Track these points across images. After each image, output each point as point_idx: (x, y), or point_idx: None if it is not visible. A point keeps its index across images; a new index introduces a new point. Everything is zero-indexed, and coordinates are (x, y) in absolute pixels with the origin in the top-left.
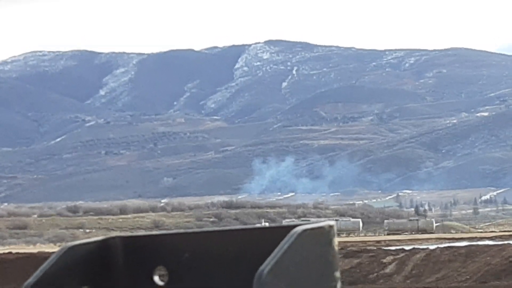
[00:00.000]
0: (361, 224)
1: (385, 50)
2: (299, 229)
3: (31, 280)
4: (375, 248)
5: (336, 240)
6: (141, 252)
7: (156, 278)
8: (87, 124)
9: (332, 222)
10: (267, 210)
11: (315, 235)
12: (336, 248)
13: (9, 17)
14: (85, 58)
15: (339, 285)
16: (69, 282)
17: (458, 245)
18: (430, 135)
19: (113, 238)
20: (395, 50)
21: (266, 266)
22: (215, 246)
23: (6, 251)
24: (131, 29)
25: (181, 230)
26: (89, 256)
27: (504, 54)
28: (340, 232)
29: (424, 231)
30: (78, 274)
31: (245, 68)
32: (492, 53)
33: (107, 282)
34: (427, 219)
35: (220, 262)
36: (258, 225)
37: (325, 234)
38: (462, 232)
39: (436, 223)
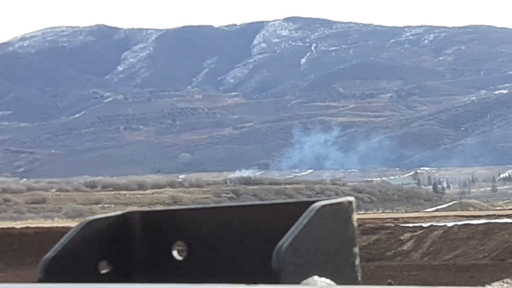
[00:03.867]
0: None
1: (404, 27)
2: (318, 204)
3: (50, 254)
4: (393, 225)
5: (355, 215)
6: (160, 227)
7: (174, 253)
8: (106, 100)
9: (351, 198)
10: (285, 187)
11: (334, 210)
12: (355, 223)
13: None
14: (104, 33)
15: (357, 260)
16: (87, 256)
17: (476, 223)
18: (449, 112)
19: (132, 212)
20: (414, 27)
21: (285, 241)
22: (234, 221)
23: (24, 225)
24: (150, 4)
25: (200, 205)
26: (108, 230)
27: None
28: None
29: None
30: (97, 248)
31: (263, 45)
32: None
33: (125, 256)
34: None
35: (239, 237)
36: (276, 201)
37: (344, 210)
38: (480, 209)
39: (454, 200)
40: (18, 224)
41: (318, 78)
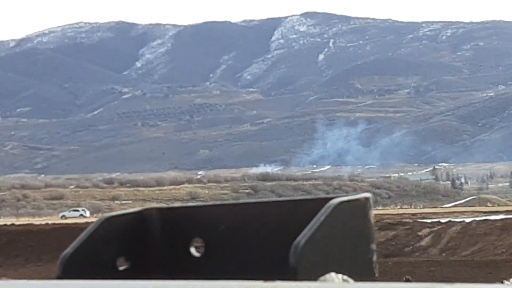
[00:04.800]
0: None
1: (421, 22)
2: (335, 201)
3: (68, 250)
4: (411, 220)
5: (372, 212)
6: (178, 224)
7: (192, 250)
8: (124, 96)
9: (368, 194)
10: (303, 183)
11: (351, 207)
12: (372, 220)
13: None
14: (122, 29)
15: (375, 257)
16: (105, 253)
17: (494, 218)
18: (467, 108)
19: (150, 209)
20: (432, 22)
21: (302, 238)
22: (251, 218)
23: (43, 222)
24: (168, 0)
25: (218, 202)
26: (126, 227)
27: None
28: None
29: None
30: (115, 245)
31: (281, 41)
32: None
33: (143, 253)
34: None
35: (257, 234)
36: (294, 197)
37: (361, 206)
38: (498, 205)
39: (472, 196)
40: (36, 220)
41: (336, 74)
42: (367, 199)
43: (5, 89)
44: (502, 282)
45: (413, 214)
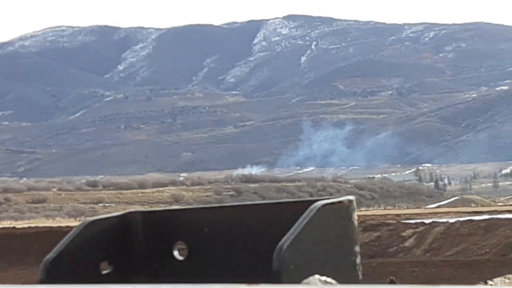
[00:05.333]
0: None
1: (404, 24)
2: (318, 204)
3: (51, 254)
4: (395, 221)
5: (356, 214)
6: (161, 227)
7: (175, 253)
8: (106, 99)
9: (351, 197)
10: (287, 184)
11: (334, 209)
12: (356, 222)
13: None
14: (104, 33)
15: (358, 259)
16: (89, 257)
17: (478, 219)
18: (450, 109)
19: (133, 213)
20: (414, 24)
21: (286, 241)
22: (235, 221)
23: (26, 225)
24: (150, 3)
25: (201, 205)
26: (109, 231)
27: None
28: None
29: None
30: (98, 249)
31: (264, 43)
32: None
33: (127, 257)
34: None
35: (240, 237)
36: (277, 200)
37: (344, 209)
38: (482, 205)
39: (456, 196)
40: (19, 224)
41: (318, 76)
42: (350, 201)
43: None
44: (485, 283)
45: (397, 215)
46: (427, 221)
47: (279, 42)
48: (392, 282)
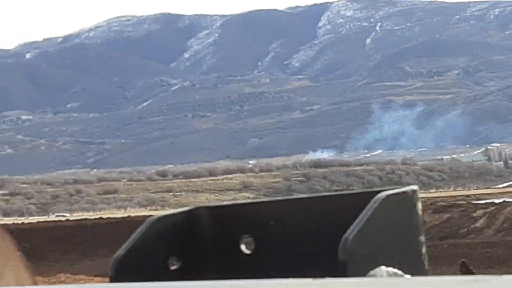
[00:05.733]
0: None
1: (469, 2)
2: (382, 194)
3: (120, 252)
4: (465, 202)
5: (420, 204)
6: (227, 221)
7: (242, 247)
8: (173, 88)
9: (415, 187)
10: (355, 168)
11: (398, 200)
12: (420, 212)
13: None
14: (168, 21)
15: (424, 249)
16: (157, 253)
17: None
18: None
19: (199, 208)
20: (479, 2)
21: (351, 233)
22: (300, 214)
23: (97, 216)
24: None
25: (266, 198)
26: (176, 226)
27: None
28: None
29: None
30: (166, 245)
31: (328, 26)
32: None
33: (194, 252)
34: None
35: (306, 229)
36: (342, 191)
37: (408, 199)
38: None
39: None
40: (91, 215)
41: (384, 58)
42: (414, 191)
43: (55, 85)
44: None
45: (467, 196)
46: (497, 201)
47: (344, 25)
48: (463, 264)
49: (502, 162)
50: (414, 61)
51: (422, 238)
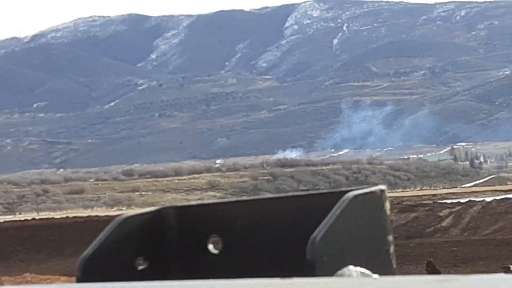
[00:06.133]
0: None
1: (435, 4)
2: (350, 194)
3: (87, 252)
4: (431, 202)
5: (388, 204)
6: (194, 221)
7: (210, 247)
8: (140, 88)
9: (383, 186)
10: (322, 168)
11: (366, 200)
12: (388, 212)
13: None
14: (135, 22)
15: (392, 249)
16: (124, 253)
17: None
18: (483, 87)
19: (167, 208)
20: (445, 3)
21: (319, 232)
22: (268, 214)
23: (64, 215)
24: None
25: (233, 199)
26: (143, 226)
27: None
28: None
29: None
30: (133, 244)
31: (295, 27)
32: None
33: (161, 252)
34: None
35: (273, 229)
36: (310, 191)
37: (376, 199)
38: None
39: (492, 175)
40: (57, 215)
41: (351, 58)
42: (382, 191)
43: (21, 84)
44: None
45: (433, 195)
46: (463, 200)
47: (311, 25)
48: (429, 263)
49: (468, 162)
50: (381, 62)
51: (390, 238)
